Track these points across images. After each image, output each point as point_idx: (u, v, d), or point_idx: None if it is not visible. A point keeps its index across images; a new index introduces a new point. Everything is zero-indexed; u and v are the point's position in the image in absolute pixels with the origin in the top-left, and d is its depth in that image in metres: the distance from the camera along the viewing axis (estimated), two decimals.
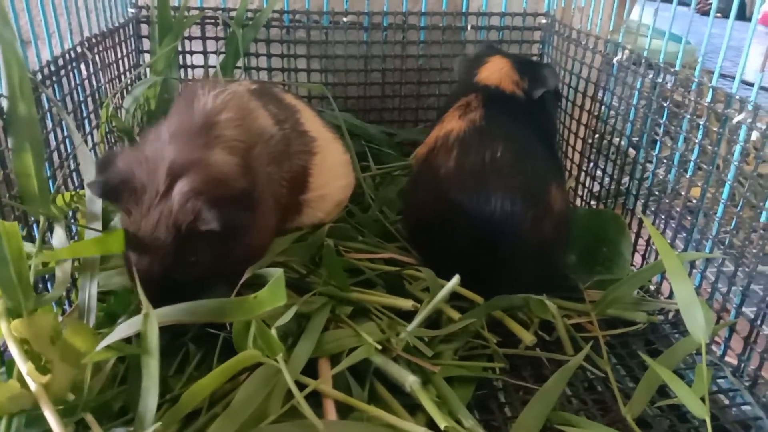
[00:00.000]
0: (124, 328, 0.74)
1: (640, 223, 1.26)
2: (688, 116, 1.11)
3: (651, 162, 1.23)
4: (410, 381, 0.86)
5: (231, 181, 0.87)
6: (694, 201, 1.11)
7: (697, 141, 1.09)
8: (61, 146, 1.05)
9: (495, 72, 1.28)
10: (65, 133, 1.05)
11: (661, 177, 1.21)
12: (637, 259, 1.27)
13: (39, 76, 0.99)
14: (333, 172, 1.19)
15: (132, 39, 1.47)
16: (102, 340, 0.75)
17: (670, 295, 1.17)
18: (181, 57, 1.56)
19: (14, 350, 0.72)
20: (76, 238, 1.03)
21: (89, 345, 0.77)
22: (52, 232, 0.98)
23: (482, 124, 1.13)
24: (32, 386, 0.70)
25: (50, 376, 0.71)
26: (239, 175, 0.88)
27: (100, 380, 0.80)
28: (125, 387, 0.82)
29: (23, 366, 0.70)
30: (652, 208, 1.23)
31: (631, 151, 1.30)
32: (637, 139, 1.26)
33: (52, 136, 1.02)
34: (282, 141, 1.04)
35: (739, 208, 1.01)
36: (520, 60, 1.35)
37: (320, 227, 1.15)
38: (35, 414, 0.70)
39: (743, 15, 1.58)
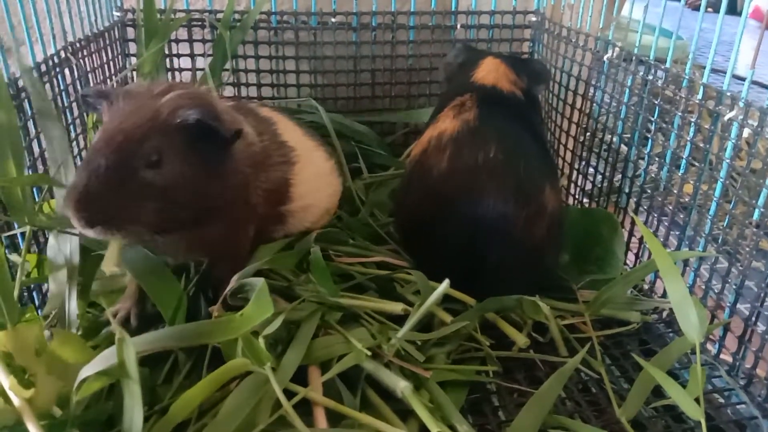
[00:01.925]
0: (102, 359, 0.71)
1: (633, 221, 1.25)
2: (680, 113, 1.10)
3: (643, 159, 1.22)
4: (401, 387, 0.85)
5: (222, 112, 0.89)
6: (687, 198, 1.10)
7: (688, 138, 1.08)
8: (46, 153, 1.03)
9: (491, 72, 1.27)
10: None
11: (653, 174, 1.20)
12: (630, 257, 1.26)
13: (21, 83, 0.98)
14: (316, 182, 1.17)
15: (118, 43, 1.45)
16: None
17: (664, 294, 1.16)
18: (168, 60, 1.54)
19: None
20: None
21: (79, 356, 0.76)
22: (36, 241, 0.97)
23: (476, 124, 1.12)
24: (16, 401, 0.68)
25: (34, 390, 0.69)
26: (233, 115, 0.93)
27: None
28: (113, 399, 0.80)
29: (5, 380, 0.69)
30: (645, 206, 1.22)
31: (623, 149, 1.29)
32: (628, 136, 1.26)
33: (35, 143, 1.01)
34: (261, 152, 1.03)
35: (732, 205, 1.00)
36: (511, 58, 1.34)
37: (308, 233, 1.14)
38: (20, 430, 0.69)
39: (734, 9, 1.57)
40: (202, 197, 0.88)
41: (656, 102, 1.16)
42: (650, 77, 1.18)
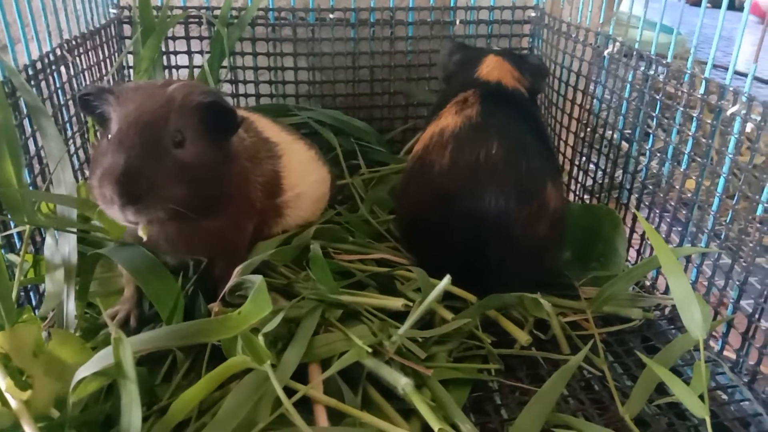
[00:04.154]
0: (99, 359, 0.71)
1: (635, 217, 1.25)
2: (681, 108, 1.09)
3: (644, 155, 1.21)
4: (402, 383, 0.84)
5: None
6: (689, 194, 1.09)
7: (690, 134, 1.07)
8: (42, 152, 1.02)
9: (495, 68, 1.26)
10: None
11: (654, 170, 1.20)
12: (632, 254, 1.25)
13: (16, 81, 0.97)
14: (302, 170, 1.21)
15: (114, 40, 1.44)
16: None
17: (666, 290, 1.15)
18: (164, 57, 1.53)
19: None
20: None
21: (78, 357, 0.75)
22: (33, 240, 0.96)
23: (478, 121, 1.11)
24: (13, 403, 0.67)
25: (31, 392, 0.68)
26: None
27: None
28: (111, 399, 0.79)
29: (2, 382, 0.68)
30: (647, 202, 1.22)
31: (624, 145, 1.28)
32: (629, 132, 1.25)
33: (31, 141, 1.00)
34: (252, 146, 1.06)
35: (735, 200, 1.00)
36: (510, 55, 1.33)
37: (307, 228, 1.14)
38: None
39: (732, 5, 1.56)
40: (218, 179, 0.90)
41: (657, 97, 1.15)
42: (651, 72, 1.17)
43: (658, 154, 1.17)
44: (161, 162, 0.82)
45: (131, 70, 1.46)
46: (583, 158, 1.43)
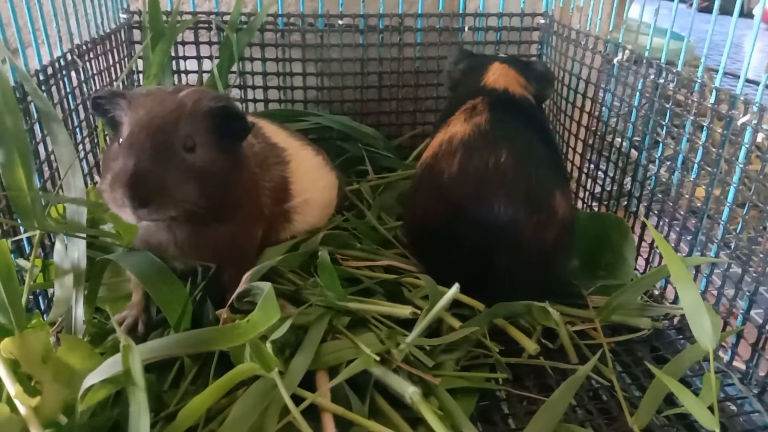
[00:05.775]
0: (107, 367, 0.71)
1: (643, 225, 1.24)
2: (691, 117, 1.08)
3: (653, 163, 1.21)
4: (410, 392, 0.84)
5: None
6: (699, 203, 1.09)
7: (700, 143, 1.07)
8: (52, 157, 1.02)
9: (501, 76, 1.26)
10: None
11: (663, 179, 1.19)
12: (641, 262, 1.24)
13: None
14: (310, 176, 1.21)
15: (124, 45, 1.44)
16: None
17: (675, 300, 1.15)
18: (174, 62, 1.53)
19: (3, 371, 0.70)
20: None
21: (86, 363, 0.75)
22: (42, 245, 0.96)
23: (487, 128, 1.11)
24: (22, 409, 0.67)
25: (40, 398, 0.68)
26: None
27: None
28: (119, 406, 0.79)
29: (11, 388, 0.68)
30: (656, 210, 1.21)
31: (633, 153, 1.28)
32: (638, 140, 1.24)
33: (41, 146, 1.00)
34: (261, 152, 1.07)
35: (745, 210, 0.99)
36: (516, 62, 1.33)
37: (315, 234, 1.14)
38: None
39: (741, 11, 1.56)
40: (228, 184, 0.91)
41: (667, 105, 1.15)
42: (661, 81, 1.16)
43: (668, 163, 1.17)
44: (171, 165, 0.82)
45: (141, 75, 1.47)
46: (592, 166, 1.43)
